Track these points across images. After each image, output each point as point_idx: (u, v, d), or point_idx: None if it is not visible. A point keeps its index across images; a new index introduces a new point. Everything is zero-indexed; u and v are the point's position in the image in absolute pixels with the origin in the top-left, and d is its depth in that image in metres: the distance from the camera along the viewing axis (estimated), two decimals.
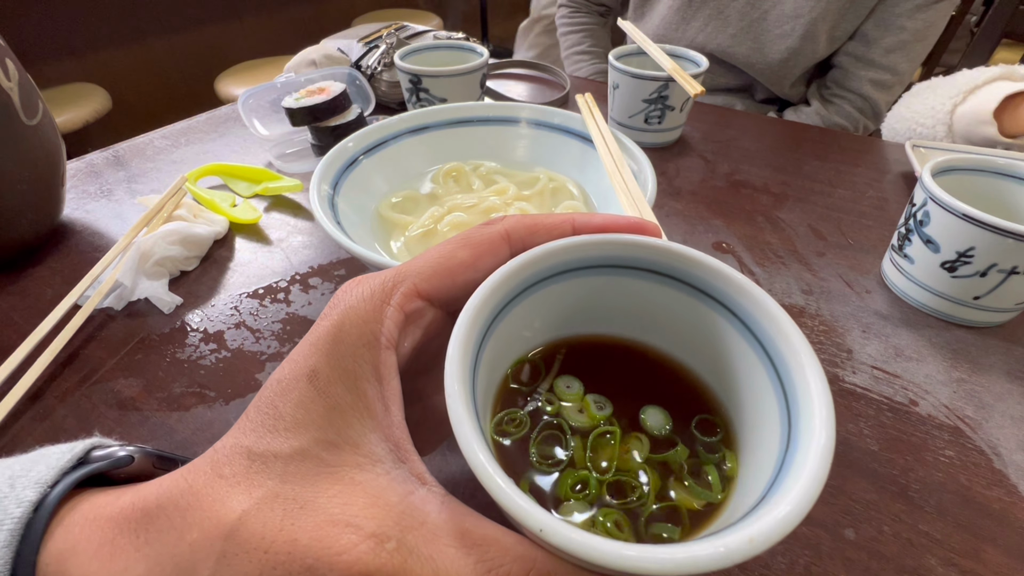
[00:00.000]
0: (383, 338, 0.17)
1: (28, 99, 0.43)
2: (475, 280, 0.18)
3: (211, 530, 0.15)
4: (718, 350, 0.20)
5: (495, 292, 0.18)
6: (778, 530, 0.13)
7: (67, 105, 1.60)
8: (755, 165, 0.62)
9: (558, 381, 0.21)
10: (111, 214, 0.53)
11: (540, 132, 0.48)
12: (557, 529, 0.13)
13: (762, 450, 0.17)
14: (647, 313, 0.22)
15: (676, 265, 0.20)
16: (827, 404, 0.15)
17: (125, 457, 0.18)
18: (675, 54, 0.66)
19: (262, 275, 0.46)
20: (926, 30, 0.80)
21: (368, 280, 0.18)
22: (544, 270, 0.20)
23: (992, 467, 0.31)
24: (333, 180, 0.40)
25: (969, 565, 0.27)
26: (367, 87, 0.68)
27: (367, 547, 0.14)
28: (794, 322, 0.17)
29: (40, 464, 0.17)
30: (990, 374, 0.37)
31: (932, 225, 0.39)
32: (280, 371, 0.17)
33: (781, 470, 0.15)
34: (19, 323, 0.40)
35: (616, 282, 0.21)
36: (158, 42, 2.05)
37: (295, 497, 0.15)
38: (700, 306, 0.20)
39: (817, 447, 0.14)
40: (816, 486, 0.13)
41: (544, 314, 0.21)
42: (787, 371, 0.17)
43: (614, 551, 0.12)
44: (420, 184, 0.46)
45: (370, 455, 0.16)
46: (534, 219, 0.20)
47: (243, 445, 0.16)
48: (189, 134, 0.68)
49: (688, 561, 0.12)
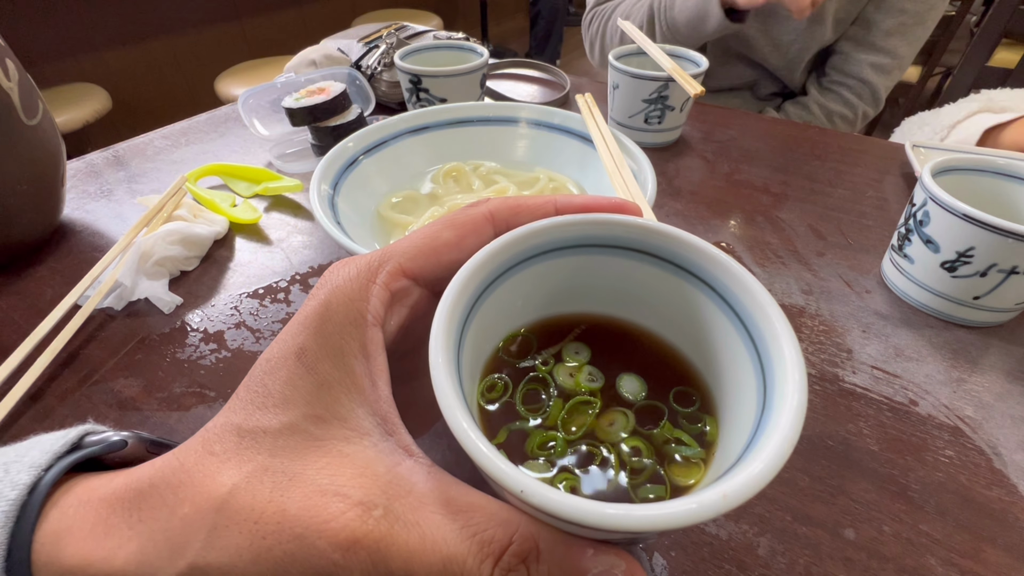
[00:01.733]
0: (369, 315, 0.18)
1: (28, 99, 0.43)
2: (459, 260, 0.19)
3: (202, 504, 0.15)
4: (698, 323, 0.21)
5: (479, 270, 0.18)
6: (751, 486, 0.13)
7: (67, 105, 1.59)
8: (755, 165, 0.62)
9: (569, 346, 0.22)
10: (111, 214, 0.53)
11: (540, 132, 0.48)
12: (536, 490, 0.13)
13: (741, 416, 0.18)
14: (629, 290, 0.22)
15: (655, 242, 0.20)
16: (799, 369, 0.16)
17: (119, 441, 0.19)
18: (675, 54, 0.66)
19: (262, 275, 0.46)
20: (926, 13, 0.81)
21: (355, 260, 0.19)
22: (527, 249, 0.20)
23: (992, 467, 0.31)
24: (333, 180, 0.40)
25: (969, 565, 0.27)
26: (367, 87, 0.68)
27: (354, 514, 0.14)
28: (769, 293, 0.18)
29: (34, 449, 0.17)
30: (990, 374, 0.37)
31: (932, 225, 0.39)
32: (269, 351, 0.17)
33: (757, 432, 0.16)
34: (19, 323, 0.40)
35: (598, 260, 0.22)
36: (158, 42, 2.05)
37: (284, 470, 0.15)
38: (679, 281, 0.21)
39: (789, 408, 0.15)
40: (788, 444, 0.14)
41: (528, 292, 0.22)
42: (762, 340, 0.17)
43: (592, 509, 0.13)
44: (420, 184, 0.46)
45: (358, 428, 0.16)
46: (517, 200, 0.21)
47: (233, 423, 0.16)
48: (189, 134, 0.68)
49: (664, 517, 0.13)
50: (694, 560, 0.27)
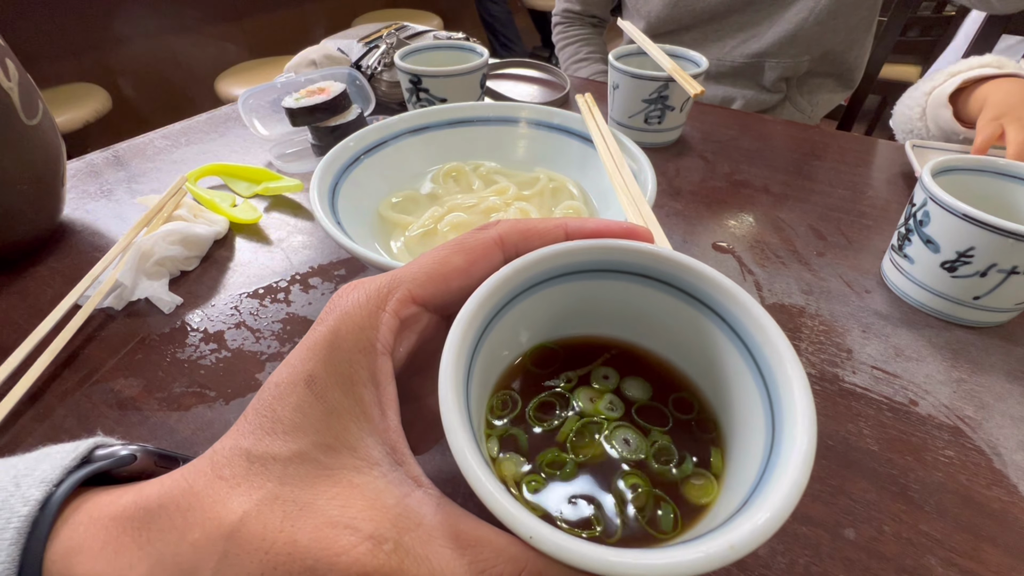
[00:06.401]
0: (379, 344, 0.17)
1: (28, 99, 0.43)
2: (469, 286, 0.19)
3: (213, 531, 0.15)
4: (707, 352, 0.21)
5: (489, 298, 0.18)
6: (757, 537, 0.13)
7: (67, 105, 1.59)
8: (755, 165, 0.62)
9: (598, 371, 0.22)
10: (111, 214, 0.53)
11: (540, 132, 0.48)
12: (546, 536, 0.13)
13: (748, 451, 0.18)
14: (639, 317, 0.22)
15: (666, 270, 0.20)
16: (809, 412, 0.16)
17: (128, 456, 0.19)
18: (675, 54, 0.66)
19: (262, 275, 0.46)
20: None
21: (363, 285, 0.19)
22: (537, 275, 0.20)
23: (992, 467, 0.31)
24: (333, 180, 0.40)
25: (969, 565, 0.27)
26: (367, 87, 0.68)
27: (365, 548, 0.14)
28: (780, 329, 0.18)
29: (44, 463, 0.17)
30: (990, 374, 0.37)
31: (932, 225, 0.39)
32: (278, 374, 0.17)
33: (765, 472, 0.16)
34: (19, 323, 0.40)
35: (608, 286, 0.21)
36: (158, 42, 2.05)
37: (294, 499, 0.15)
38: (690, 310, 0.20)
39: (798, 455, 0.15)
40: (795, 493, 0.14)
41: (537, 318, 0.22)
42: (772, 377, 0.17)
43: (599, 556, 0.13)
44: (420, 184, 0.46)
45: (367, 458, 0.16)
46: (527, 224, 0.20)
47: (242, 447, 0.16)
48: (189, 134, 0.68)
49: (669, 567, 0.13)
50: None
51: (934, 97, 0.62)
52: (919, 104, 0.64)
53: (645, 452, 0.20)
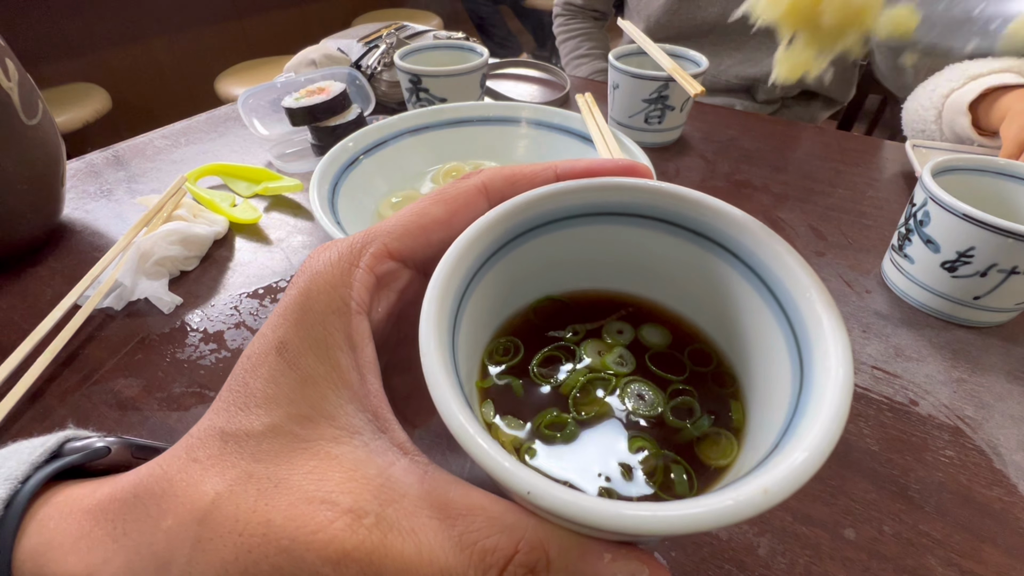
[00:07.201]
0: (353, 303, 0.16)
1: (28, 99, 0.43)
2: (451, 238, 0.17)
3: (185, 516, 0.14)
4: (720, 296, 0.19)
5: (473, 245, 0.17)
6: (796, 478, 0.11)
7: (67, 105, 1.59)
8: (755, 165, 0.62)
9: (611, 324, 0.20)
10: (111, 214, 0.53)
11: (540, 132, 0.48)
12: (546, 490, 0.11)
13: (772, 400, 0.16)
14: (643, 264, 0.20)
15: (670, 207, 0.18)
16: (842, 339, 0.14)
17: (101, 448, 0.18)
18: (675, 54, 0.66)
19: (262, 275, 0.46)
20: None
21: (336, 244, 0.17)
22: (526, 221, 0.18)
23: (992, 467, 0.31)
24: (333, 180, 0.40)
25: (969, 565, 0.27)
26: (367, 87, 0.68)
27: (343, 524, 0.13)
28: (802, 258, 0.16)
29: (11, 460, 0.16)
30: (990, 374, 0.37)
31: (932, 225, 0.39)
32: (250, 347, 0.16)
33: (795, 416, 0.14)
34: (19, 323, 0.40)
35: (607, 231, 0.19)
36: (158, 42, 2.05)
37: (269, 476, 0.14)
38: (698, 251, 0.19)
39: (835, 384, 0.13)
40: (837, 426, 0.12)
41: (530, 270, 0.20)
42: (795, 309, 0.15)
43: (611, 511, 0.11)
44: (420, 184, 0.46)
45: (347, 427, 0.15)
46: (513, 169, 0.19)
47: (216, 426, 0.15)
48: (189, 134, 0.68)
49: (695, 518, 0.11)
50: (694, 560, 0.27)
51: (952, 102, 0.61)
52: (935, 107, 0.63)
53: (663, 406, 0.18)
